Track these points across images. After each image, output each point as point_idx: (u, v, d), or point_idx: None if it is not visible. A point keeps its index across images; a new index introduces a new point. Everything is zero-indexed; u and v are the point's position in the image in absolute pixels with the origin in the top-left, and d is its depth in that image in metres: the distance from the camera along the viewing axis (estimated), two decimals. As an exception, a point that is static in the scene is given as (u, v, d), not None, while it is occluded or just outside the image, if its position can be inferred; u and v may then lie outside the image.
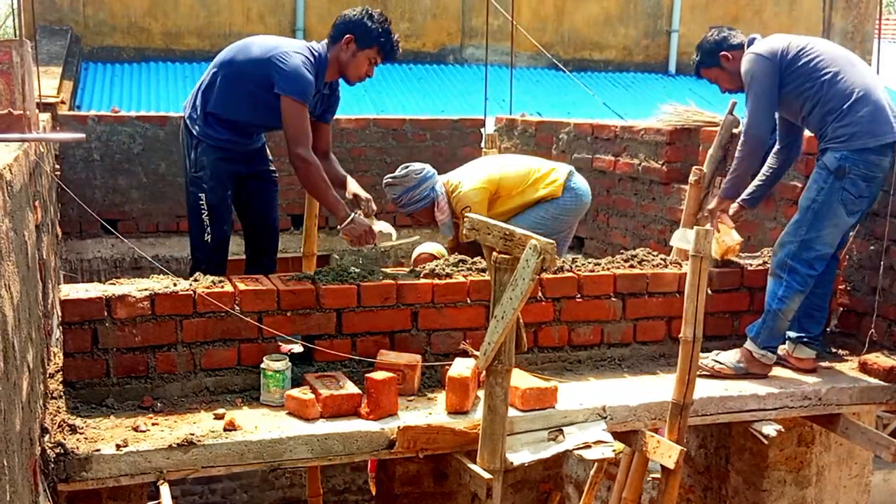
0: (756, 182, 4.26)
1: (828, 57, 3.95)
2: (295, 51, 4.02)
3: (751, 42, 4.10)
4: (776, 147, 4.24)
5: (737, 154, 4.10)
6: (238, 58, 4.11)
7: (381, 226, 4.25)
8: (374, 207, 4.27)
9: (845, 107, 3.85)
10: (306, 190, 4.21)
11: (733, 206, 4.23)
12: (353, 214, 4.05)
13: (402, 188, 4.74)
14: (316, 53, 4.09)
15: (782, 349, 4.06)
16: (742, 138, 4.06)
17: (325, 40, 4.16)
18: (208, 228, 4.16)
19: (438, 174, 4.89)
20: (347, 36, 4.06)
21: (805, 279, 3.90)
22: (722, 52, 4.16)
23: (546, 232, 4.72)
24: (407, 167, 4.78)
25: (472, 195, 4.64)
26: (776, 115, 4.11)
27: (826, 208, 3.87)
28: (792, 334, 4.06)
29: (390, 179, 4.82)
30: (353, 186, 4.36)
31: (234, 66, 4.10)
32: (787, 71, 3.96)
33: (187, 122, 4.19)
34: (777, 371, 4.01)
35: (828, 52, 3.98)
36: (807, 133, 4.23)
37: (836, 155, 3.85)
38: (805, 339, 4.05)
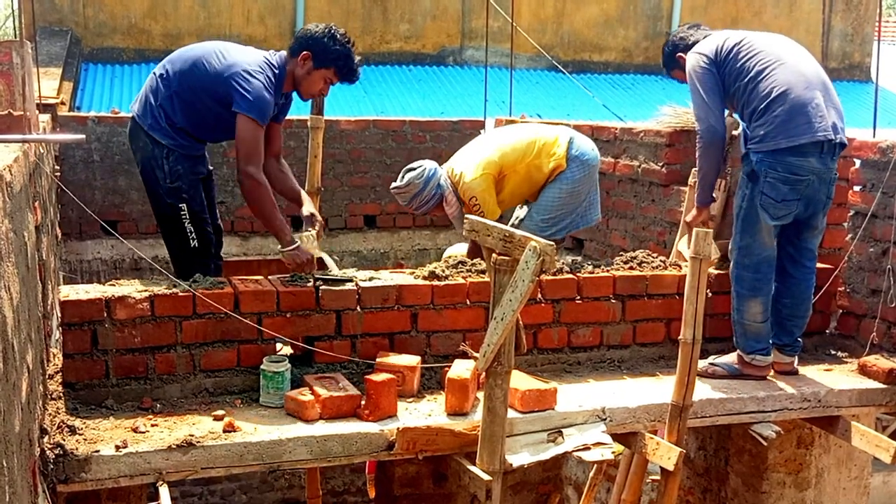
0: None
1: (757, 54, 3.84)
2: (256, 70, 3.91)
3: (696, 41, 4.06)
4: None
5: (696, 154, 4.06)
6: (195, 72, 3.97)
7: (324, 257, 4.21)
8: (323, 234, 4.22)
9: (762, 107, 3.76)
10: (252, 208, 4.05)
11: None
12: (297, 242, 3.97)
13: (410, 195, 4.73)
14: (276, 70, 3.99)
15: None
16: (698, 137, 4.03)
17: (284, 51, 4.08)
18: (192, 235, 4.08)
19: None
20: (305, 52, 3.97)
21: (753, 284, 3.85)
22: (678, 54, 4.16)
23: (570, 208, 4.73)
24: (406, 174, 4.75)
25: (475, 185, 4.62)
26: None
27: (750, 213, 3.81)
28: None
29: (395, 189, 4.81)
30: (308, 206, 4.30)
31: (191, 80, 3.96)
32: (722, 70, 3.90)
33: (148, 131, 4.01)
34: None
35: (759, 48, 3.86)
36: None
37: (752, 158, 3.80)
38: (761, 349, 3.92)
